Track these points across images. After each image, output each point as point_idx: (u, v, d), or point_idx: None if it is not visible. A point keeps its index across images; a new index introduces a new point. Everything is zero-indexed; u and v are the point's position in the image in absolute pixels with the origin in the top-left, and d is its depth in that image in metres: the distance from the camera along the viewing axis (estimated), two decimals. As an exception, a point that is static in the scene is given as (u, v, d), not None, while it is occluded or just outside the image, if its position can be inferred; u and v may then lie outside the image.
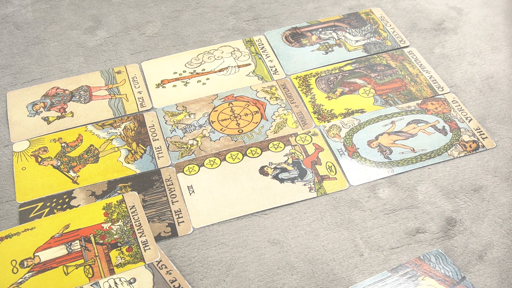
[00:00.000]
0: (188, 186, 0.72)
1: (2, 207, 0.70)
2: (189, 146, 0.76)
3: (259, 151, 0.75)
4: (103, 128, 0.79)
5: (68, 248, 0.65)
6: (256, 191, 0.71)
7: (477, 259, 0.63)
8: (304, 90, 0.83)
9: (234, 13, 0.97)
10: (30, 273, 0.63)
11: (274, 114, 0.80)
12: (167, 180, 0.72)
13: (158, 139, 0.77)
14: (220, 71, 0.87)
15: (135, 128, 0.79)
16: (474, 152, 0.74)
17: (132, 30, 0.94)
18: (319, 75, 0.85)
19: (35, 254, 0.65)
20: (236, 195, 0.70)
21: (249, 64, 0.88)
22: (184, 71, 0.87)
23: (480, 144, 0.75)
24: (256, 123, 0.79)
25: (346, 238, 0.66)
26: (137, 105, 0.82)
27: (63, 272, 0.63)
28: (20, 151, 0.77)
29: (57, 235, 0.67)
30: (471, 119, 0.78)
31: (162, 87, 0.85)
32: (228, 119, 0.80)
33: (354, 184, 0.71)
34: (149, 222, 0.68)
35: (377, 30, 0.92)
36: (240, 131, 0.78)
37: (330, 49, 0.89)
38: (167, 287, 0.62)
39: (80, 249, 0.65)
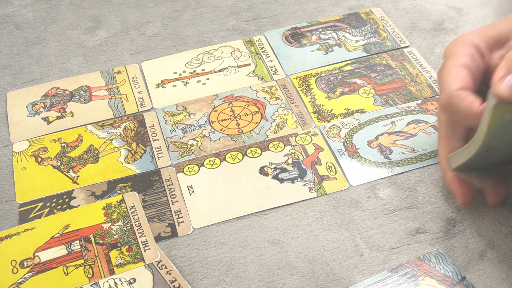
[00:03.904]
0: (188, 186, 0.72)
1: (2, 207, 0.70)
2: (189, 146, 0.76)
3: (259, 151, 0.75)
4: (103, 128, 0.79)
5: (68, 248, 0.65)
6: (256, 191, 0.71)
7: (477, 259, 0.63)
8: (304, 90, 0.83)
9: (234, 13, 0.97)
10: (30, 273, 0.63)
11: (274, 114, 0.80)
12: (167, 180, 0.72)
13: (158, 139, 0.77)
14: (220, 71, 0.87)
15: (135, 128, 0.79)
16: (474, 152, 0.74)
17: (132, 30, 0.94)
18: (319, 75, 0.85)
19: (35, 254, 0.65)
20: (236, 195, 0.70)
21: (249, 64, 0.88)
22: (184, 71, 0.87)
23: (480, 144, 0.75)
24: (256, 123, 0.79)
25: (346, 238, 0.66)
26: (137, 105, 0.82)
27: (63, 272, 0.63)
28: (20, 151, 0.77)
29: (57, 235, 0.67)
30: (471, 119, 0.78)
31: (162, 87, 0.85)
32: (228, 119, 0.80)
33: (354, 184, 0.71)
34: (149, 222, 0.68)
35: (377, 30, 0.92)
36: (240, 131, 0.78)
37: (330, 49, 0.89)
38: (167, 287, 0.61)
39: (80, 249, 0.65)
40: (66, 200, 0.71)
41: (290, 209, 0.69)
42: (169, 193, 0.71)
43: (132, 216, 0.68)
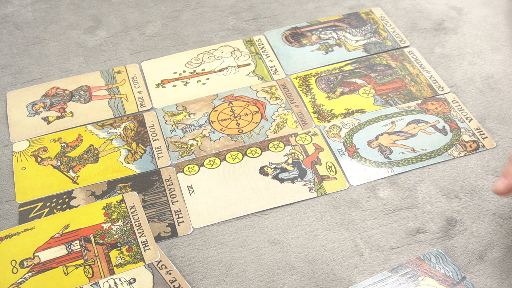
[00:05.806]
0: (188, 186, 0.72)
1: (2, 207, 0.70)
2: (189, 146, 0.76)
3: (259, 151, 0.75)
4: (103, 128, 0.79)
5: (68, 248, 0.65)
6: (256, 191, 0.71)
7: (477, 259, 0.63)
8: (304, 90, 0.83)
9: (234, 13, 0.97)
10: (30, 273, 0.63)
11: (274, 114, 0.80)
12: (167, 180, 0.72)
13: (158, 139, 0.77)
14: (220, 71, 0.87)
15: (135, 128, 0.79)
16: (474, 152, 0.74)
17: (132, 30, 0.94)
18: (319, 75, 0.85)
19: (35, 254, 0.65)
20: (236, 195, 0.70)
21: (249, 64, 0.87)
22: (184, 71, 0.87)
23: (480, 144, 0.75)
24: (256, 123, 0.79)
25: (346, 238, 0.66)
26: (137, 105, 0.82)
27: (63, 272, 0.63)
28: (20, 151, 0.77)
29: (57, 235, 0.67)
30: (471, 119, 0.78)
31: (162, 87, 0.85)
32: (228, 119, 0.79)
33: (354, 184, 0.71)
34: (149, 222, 0.68)
35: (377, 30, 0.92)
36: (240, 131, 0.78)
37: (330, 49, 0.89)
38: (167, 287, 0.61)
39: (80, 249, 0.65)
40: (66, 200, 0.71)
41: (290, 209, 0.69)
42: (169, 193, 0.71)
43: (132, 216, 0.68)
